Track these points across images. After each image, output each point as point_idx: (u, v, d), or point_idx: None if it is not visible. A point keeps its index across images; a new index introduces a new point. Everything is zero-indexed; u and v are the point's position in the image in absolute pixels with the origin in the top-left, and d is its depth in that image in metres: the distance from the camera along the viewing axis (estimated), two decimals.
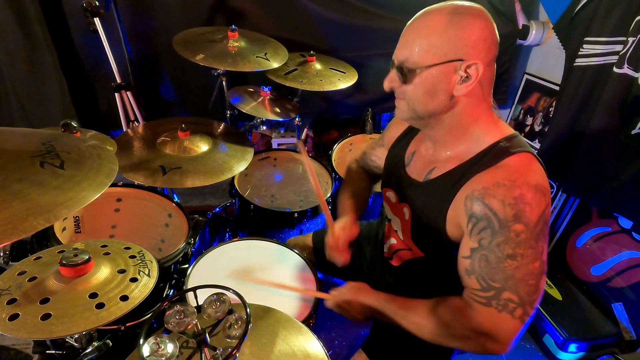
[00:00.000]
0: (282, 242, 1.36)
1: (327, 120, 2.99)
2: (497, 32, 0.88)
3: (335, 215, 1.20)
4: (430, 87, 0.89)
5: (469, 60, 0.85)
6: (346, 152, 2.14)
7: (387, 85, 0.97)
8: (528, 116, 2.41)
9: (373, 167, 1.34)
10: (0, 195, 0.73)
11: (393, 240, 1.18)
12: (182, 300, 0.76)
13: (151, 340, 0.68)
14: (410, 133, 1.15)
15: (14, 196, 0.73)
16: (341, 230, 1.13)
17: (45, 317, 0.77)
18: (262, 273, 1.21)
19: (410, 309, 0.96)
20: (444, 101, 0.90)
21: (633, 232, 1.83)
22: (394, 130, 1.21)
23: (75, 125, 1.33)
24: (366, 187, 1.35)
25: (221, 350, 0.71)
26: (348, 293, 1.06)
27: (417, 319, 0.94)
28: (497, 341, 0.83)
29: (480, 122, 0.93)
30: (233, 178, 1.77)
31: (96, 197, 0.82)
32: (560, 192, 2.13)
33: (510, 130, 0.94)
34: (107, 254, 0.96)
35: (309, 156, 2.02)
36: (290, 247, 1.32)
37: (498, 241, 0.82)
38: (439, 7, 0.88)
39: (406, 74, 0.90)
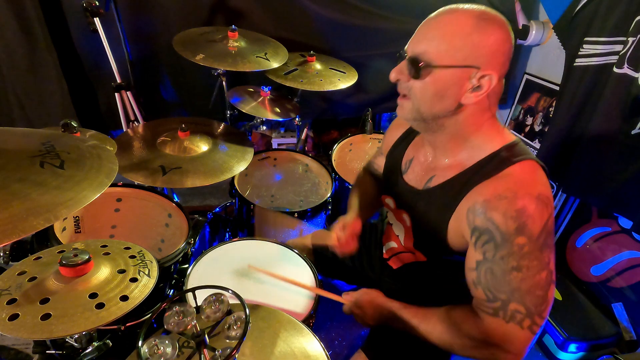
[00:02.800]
0: (282, 242, 1.36)
1: (327, 120, 3.00)
2: (513, 47, 0.87)
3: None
4: (440, 88, 0.86)
5: (485, 71, 0.83)
6: (346, 152, 2.14)
7: (394, 76, 0.91)
8: (528, 116, 2.41)
9: (377, 175, 1.33)
10: (0, 195, 0.73)
11: (393, 244, 1.18)
12: (182, 300, 0.76)
13: (150, 340, 0.68)
14: (407, 138, 1.13)
15: (14, 196, 0.73)
16: (341, 230, 1.14)
17: (45, 317, 0.77)
18: (262, 273, 1.21)
19: (423, 317, 0.97)
20: (450, 106, 0.88)
21: (633, 232, 1.83)
22: (391, 135, 1.20)
23: (75, 125, 1.33)
24: (373, 191, 1.33)
25: (220, 351, 0.71)
26: (361, 299, 1.07)
27: (430, 327, 0.95)
28: (507, 352, 0.84)
29: (483, 131, 0.92)
30: (233, 178, 1.77)
31: (96, 197, 0.82)
32: (560, 192, 2.12)
33: (512, 137, 0.93)
34: (107, 254, 0.96)
35: (310, 156, 2.03)
36: (291, 248, 1.32)
37: (502, 254, 0.82)
38: (466, 9, 0.84)
39: (419, 69, 0.85)
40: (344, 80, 1.98)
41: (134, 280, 0.89)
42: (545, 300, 0.82)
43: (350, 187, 1.81)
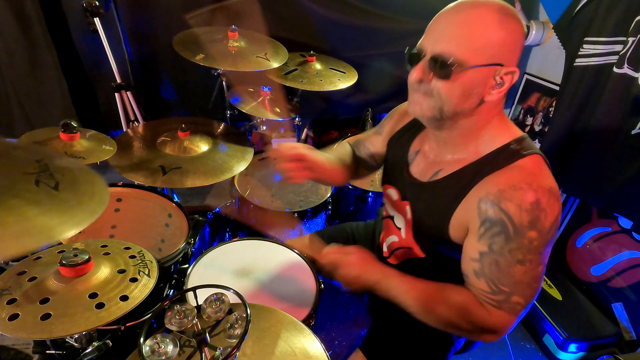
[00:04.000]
0: (282, 242, 1.36)
1: (327, 120, 2.99)
2: None
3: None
4: (468, 88, 0.84)
5: (508, 67, 0.83)
6: None
7: (416, 76, 0.86)
8: (528, 116, 2.41)
9: (366, 154, 1.28)
10: None
11: (394, 238, 1.18)
12: (182, 300, 0.76)
13: (151, 340, 0.68)
14: (412, 128, 1.12)
15: (11, 212, 0.70)
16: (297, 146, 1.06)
17: (45, 317, 0.77)
18: (262, 273, 1.21)
19: (422, 293, 0.94)
20: (474, 104, 0.87)
21: (633, 232, 1.83)
22: (395, 122, 1.17)
23: (75, 125, 1.33)
24: (341, 165, 1.23)
25: (221, 349, 0.71)
26: (354, 255, 1.01)
27: (430, 306, 0.93)
28: (498, 335, 0.89)
29: (492, 125, 0.92)
30: (233, 178, 1.76)
31: (90, 223, 0.78)
32: (560, 192, 2.13)
33: (520, 132, 0.93)
34: (107, 254, 0.96)
35: None
36: (290, 247, 1.32)
37: (511, 247, 0.83)
38: (485, 2, 0.81)
39: (449, 69, 0.81)
40: (344, 80, 1.98)
41: (134, 280, 0.89)
42: (537, 291, 0.87)
43: (350, 187, 1.81)
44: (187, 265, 1.30)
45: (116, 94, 1.99)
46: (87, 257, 0.86)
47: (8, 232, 0.68)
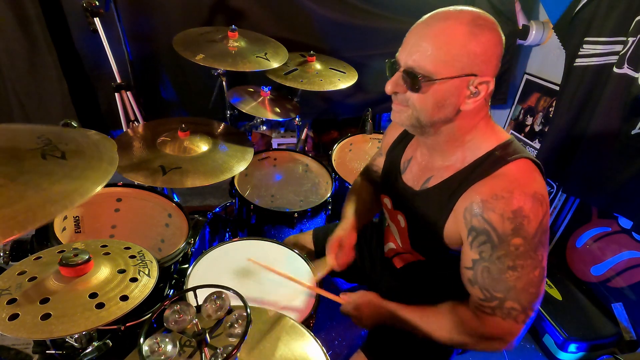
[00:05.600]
0: (282, 242, 1.36)
1: (327, 120, 2.99)
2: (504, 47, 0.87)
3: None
4: (440, 99, 0.85)
5: (482, 77, 0.84)
6: (346, 152, 2.14)
7: (391, 89, 0.89)
8: (528, 116, 2.41)
9: (376, 177, 1.33)
10: (13, 187, 0.72)
11: (392, 245, 1.19)
12: (182, 300, 0.76)
13: (151, 340, 0.68)
14: (405, 137, 1.14)
15: (27, 186, 0.73)
16: (339, 248, 1.18)
17: (45, 317, 0.77)
18: (262, 273, 1.21)
19: (422, 316, 0.98)
20: (450, 114, 0.88)
21: (633, 232, 1.83)
22: (390, 135, 1.20)
23: (75, 125, 1.33)
24: (369, 199, 1.32)
25: (221, 349, 0.71)
26: (359, 301, 1.08)
27: (430, 326, 0.96)
28: (504, 342, 0.88)
29: (478, 130, 0.93)
30: (233, 178, 1.76)
31: (106, 182, 0.82)
32: (560, 192, 2.12)
33: (506, 136, 0.94)
34: (107, 254, 0.96)
35: (310, 156, 2.03)
36: (290, 247, 1.32)
37: (498, 254, 0.83)
38: (456, 14, 0.83)
39: (418, 83, 0.84)
40: (344, 80, 1.98)
41: (134, 280, 0.89)
42: (537, 296, 0.85)
43: (350, 186, 1.81)
44: (187, 265, 1.30)
45: (116, 94, 1.99)
46: (87, 257, 0.86)
47: (30, 204, 0.70)
